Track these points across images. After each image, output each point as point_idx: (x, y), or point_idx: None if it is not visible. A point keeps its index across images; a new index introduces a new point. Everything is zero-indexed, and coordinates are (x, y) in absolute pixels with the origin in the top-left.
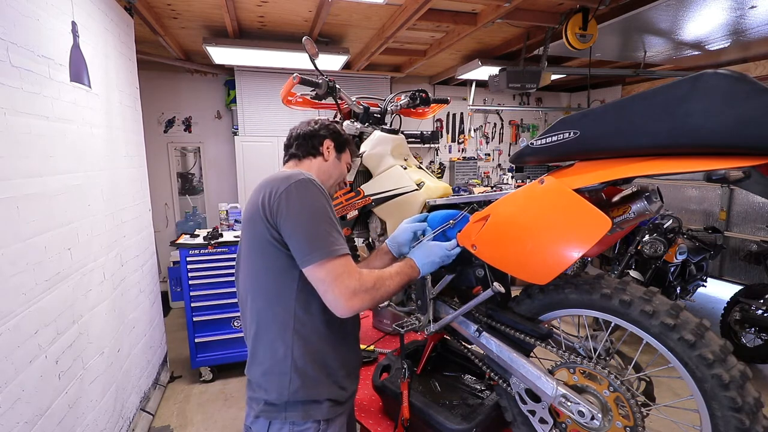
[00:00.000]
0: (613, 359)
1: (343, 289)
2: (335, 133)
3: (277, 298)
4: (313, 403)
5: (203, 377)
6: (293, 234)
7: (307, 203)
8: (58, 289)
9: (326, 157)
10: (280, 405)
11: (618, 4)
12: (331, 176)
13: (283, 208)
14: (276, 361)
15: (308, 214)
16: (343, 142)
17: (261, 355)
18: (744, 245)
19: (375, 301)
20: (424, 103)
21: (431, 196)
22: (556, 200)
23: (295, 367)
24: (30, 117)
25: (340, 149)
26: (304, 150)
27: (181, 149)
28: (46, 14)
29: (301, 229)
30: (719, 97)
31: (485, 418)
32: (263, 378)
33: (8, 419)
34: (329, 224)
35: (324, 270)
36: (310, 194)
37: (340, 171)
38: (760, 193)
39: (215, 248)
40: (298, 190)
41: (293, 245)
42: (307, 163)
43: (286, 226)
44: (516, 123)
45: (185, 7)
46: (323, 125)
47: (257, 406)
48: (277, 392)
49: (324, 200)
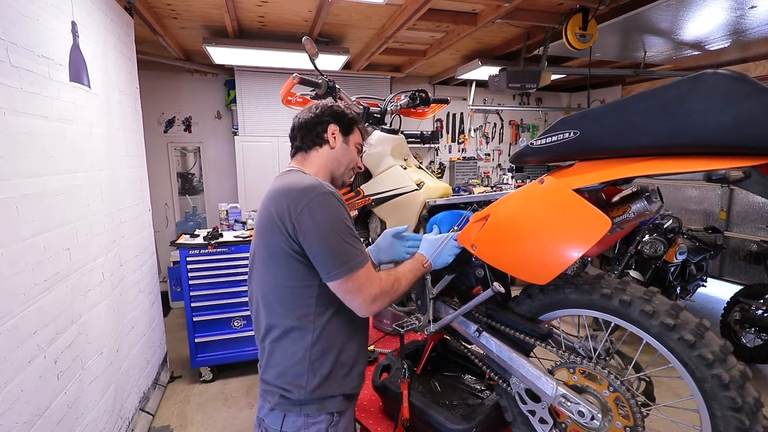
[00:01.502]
0: (613, 359)
1: (366, 297)
2: (339, 115)
3: (298, 305)
4: (329, 398)
5: (203, 377)
6: (318, 252)
7: (329, 220)
8: (57, 289)
9: (333, 144)
10: (296, 400)
11: (618, 4)
12: (341, 163)
13: (306, 226)
14: (294, 363)
15: (330, 232)
16: (349, 122)
17: (278, 357)
18: (744, 245)
19: (392, 300)
20: (424, 103)
21: (431, 196)
22: (556, 200)
23: (313, 368)
24: (30, 117)
25: (347, 131)
26: (308, 140)
27: (181, 149)
28: (46, 14)
29: (326, 248)
30: (719, 97)
31: (485, 418)
32: (280, 379)
33: (7, 419)
34: (350, 236)
35: (349, 283)
36: (331, 209)
37: (350, 156)
38: (760, 193)
39: (215, 248)
40: (320, 206)
41: (317, 262)
42: (314, 154)
43: (309, 243)
44: (516, 123)
45: (185, 7)
46: (325, 109)
47: (273, 399)
48: (295, 390)
49: (343, 211)
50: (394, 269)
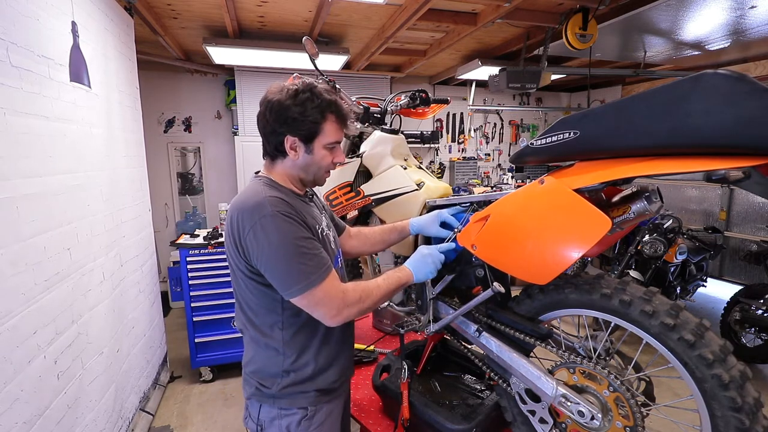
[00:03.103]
0: (613, 359)
1: (327, 310)
2: (294, 120)
3: (266, 313)
4: (300, 393)
5: (203, 377)
6: (269, 273)
7: (275, 243)
8: (57, 289)
9: (294, 157)
10: (269, 393)
11: (618, 4)
12: (309, 172)
13: (253, 250)
14: (267, 363)
15: (277, 255)
16: (311, 124)
17: (252, 354)
18: (744, 245)
19: (362, 311)
20: (424, 103)
21: (431, 196)
22: (556, 200)
23: (285, 368)
24: (30, 117)
25: (309, 138)
26: (270, 150)
27: (181, 149)
28: (46, 14)
29: (275, 270)
30: (719, 97)
31: (485, 418)
32: (255, 375)
33: (7, 419)
34: (301, 255)
35: (305, 299)
36: (276, 232)
37: (318, 162)
38: (760, 193)
39: (215, 248)
40: (264, 230)
41: (272, 281)
42: (279, 164)
43: (260, 265)
44: (516, 123)
45: (185, 7)
46: (277, 110)
47: (249, 390)
48: (269, 385)
49: (293, 230)
50: (364, 282)
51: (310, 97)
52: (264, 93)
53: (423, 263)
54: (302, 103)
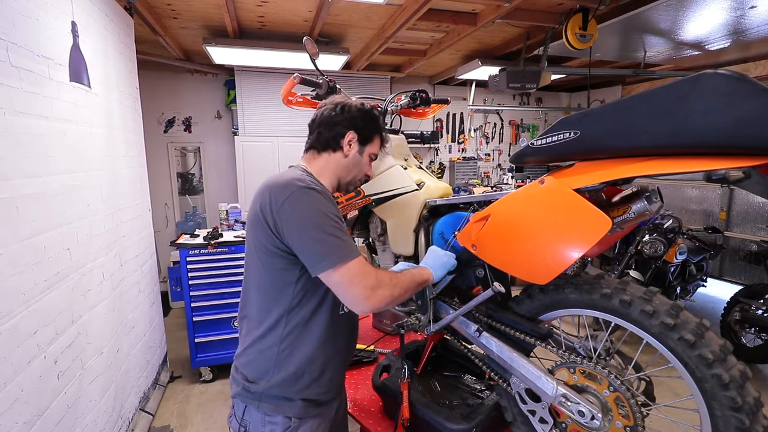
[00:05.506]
0: (613, 359)
1: (361, 288)
2: (361, 122)
3: (275, 299)
4: (285, 400)
5: (203, 377)
6: (301, 246)
7: (311, 213)
8: (57, 290)
9: (346, 152)
10: (255, 393)
11: (618, 4)
12: (350, 173)
13: (287, 220)
14: (260, 356)
15: (313, 224)
16: (371, 131)
17: (247, 345)
18: (744, 245)
19: (394, 297)
20: (424, 103)
21: (431, 196)
22: (556, 200)
23: (278, 363)
24: (29, 117)
25: (365, 140)
26: (323, 141)
27: (181, 149)
28: (45, 14)
29: (308, 240)
30: (719, 97)
31: (485, 418)
32: (248, 367)
33: (7, 419)
34: (336, 229)
35: (338, 273)
36: (313, 203)
37: (360, 167)
38: (760, 193)
39: (215, 248)
40: (300, 200)
41: (303, 256)
42: (325, 156)
43: (291, 237)
44: (516, 123)
45: (185, 7)
46: (348, 111)
47: (236, 388)
48: (257, 382)
49: (327, 204)
50: (391, 271)
51: (376, 116)
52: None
53: (441, 265)
54: (370, 115)
